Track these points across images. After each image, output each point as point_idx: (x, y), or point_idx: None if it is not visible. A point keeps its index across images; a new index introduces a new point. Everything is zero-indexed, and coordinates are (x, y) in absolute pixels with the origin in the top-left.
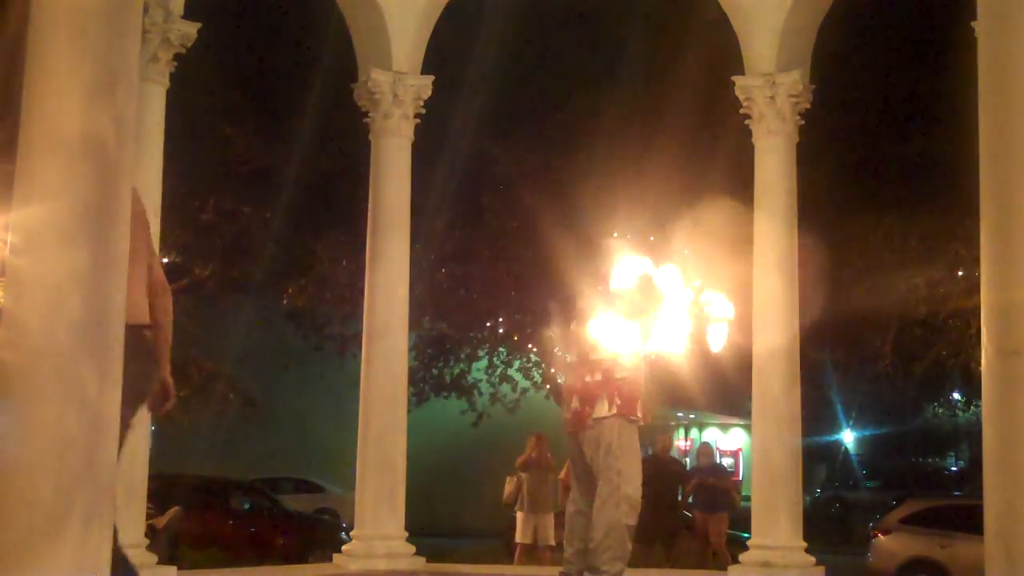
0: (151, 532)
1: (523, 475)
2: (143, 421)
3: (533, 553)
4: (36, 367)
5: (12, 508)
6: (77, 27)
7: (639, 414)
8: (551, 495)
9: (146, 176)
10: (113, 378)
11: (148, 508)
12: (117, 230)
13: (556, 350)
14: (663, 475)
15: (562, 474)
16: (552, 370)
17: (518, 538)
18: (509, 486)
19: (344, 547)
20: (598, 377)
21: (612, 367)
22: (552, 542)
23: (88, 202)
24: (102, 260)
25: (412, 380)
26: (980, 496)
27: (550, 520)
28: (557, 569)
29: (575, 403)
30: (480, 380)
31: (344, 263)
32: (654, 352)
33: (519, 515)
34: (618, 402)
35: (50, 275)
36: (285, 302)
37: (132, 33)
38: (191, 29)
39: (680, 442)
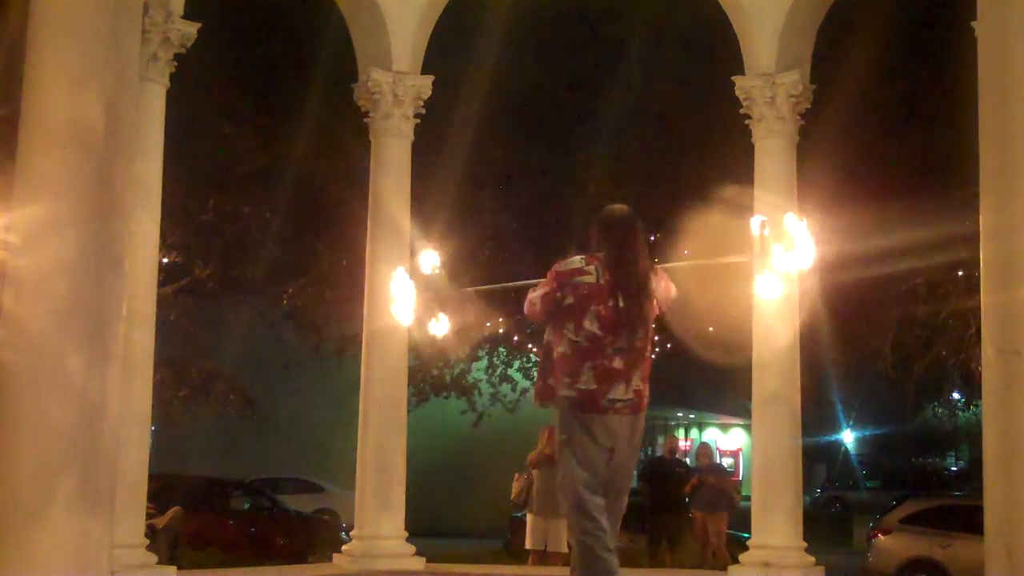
0: (151, 532)
1: (534, 473)
2: (143, 421)
3: (544, 560)
4: (16, 357)
5: None
6: (63, 15)
7: None
8: None
9: (146, 176)
10: (104, 365)
11: (148, 508)
12: (110, 218)
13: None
14: (670, 476)
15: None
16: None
17: (529, 544)
18: (517, 484)
19: (344, 547)
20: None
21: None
22: (564, 548)
23: (76, 190)
24: (91, 248)
25: (412, 380)
26: (980, 496)
27: (562, 524)
28: (563, 571)
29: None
30: (480, 380)
31: (344, 263)
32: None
33: (529, 518)
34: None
35: (34, 265)
36: (285, 302)
37: (126, 22)
38: (191, 29)
39: (680, 442)
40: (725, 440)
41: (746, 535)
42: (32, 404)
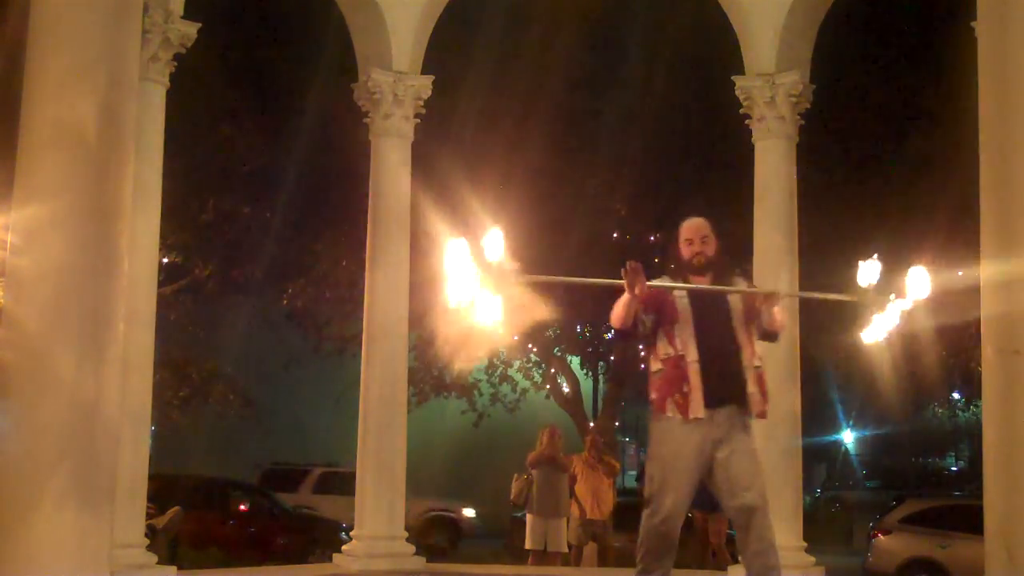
0: (151, 532)
1: (534, 473)
2: (143, 420)
3: (544, 560)
4: (15, 356)
5: None
6: (61, 16)
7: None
8: (563, 498)
9: (146, 176)
10: (101, 364)
11: (148, 508)
12: (108, 218)
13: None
14: None
15: (574, 469)
16: None
17: (528, 544)
18: (517, 484)
19: (344, 547)
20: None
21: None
22: (564, 548)
23: (73, 190)
24: (88, 248)
25: (412, 380)
26: (980, 496)
27: (562, 524)
28: (563, 571)
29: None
30: (480, 380)
31: (344, 263)
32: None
33: (528, 518)
34: (652, 396)
35: (32, 264)
36: (285, 302)
37: (125, 23)
38: (191, 29)
39: None
40: None
41: None
42: (28, 402)
